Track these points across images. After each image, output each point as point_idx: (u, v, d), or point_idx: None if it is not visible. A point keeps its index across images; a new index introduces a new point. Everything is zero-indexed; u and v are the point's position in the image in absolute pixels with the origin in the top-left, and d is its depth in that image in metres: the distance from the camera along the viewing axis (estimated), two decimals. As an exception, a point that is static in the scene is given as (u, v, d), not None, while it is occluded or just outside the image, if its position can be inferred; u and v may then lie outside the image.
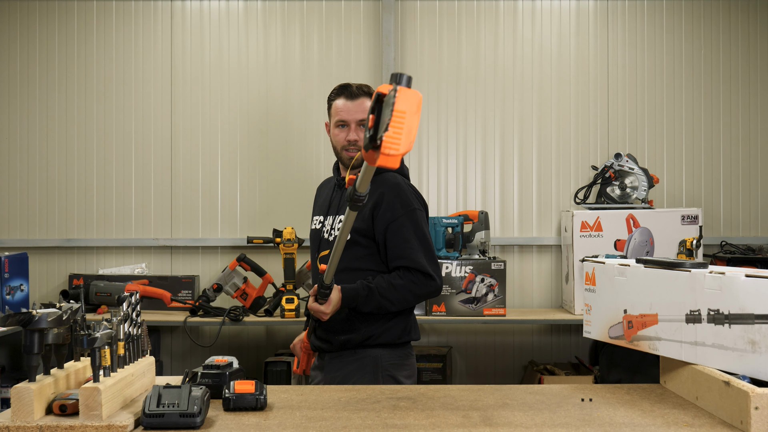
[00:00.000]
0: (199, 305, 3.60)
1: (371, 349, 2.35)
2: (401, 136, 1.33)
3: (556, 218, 4.02)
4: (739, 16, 4.05)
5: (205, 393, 1.57)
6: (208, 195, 4.06)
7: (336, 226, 2.42)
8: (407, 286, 2.30)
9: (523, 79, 4.05)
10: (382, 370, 2.35)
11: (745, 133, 4.05)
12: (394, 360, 2.37)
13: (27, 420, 1.45)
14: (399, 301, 2.31)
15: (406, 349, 2.42)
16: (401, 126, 1.33)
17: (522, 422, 1.56)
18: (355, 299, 2.28)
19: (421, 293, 2.34)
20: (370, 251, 2.36)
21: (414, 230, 2.34)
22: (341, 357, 2.38)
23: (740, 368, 1.56)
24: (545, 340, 4.07)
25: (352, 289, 2.28)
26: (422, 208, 2.42)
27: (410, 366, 2.43)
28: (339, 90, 2.44)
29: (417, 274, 2.31)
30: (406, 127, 1.34)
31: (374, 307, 2.30)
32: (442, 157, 4.05)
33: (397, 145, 1.33)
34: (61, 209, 4.08)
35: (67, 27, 4.09)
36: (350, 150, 2.39)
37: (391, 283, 2.29)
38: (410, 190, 2.41)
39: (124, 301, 1.65)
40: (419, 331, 2.49)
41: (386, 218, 2.32)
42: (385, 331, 2.36)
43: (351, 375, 2.35)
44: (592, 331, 2.00)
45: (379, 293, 2.28)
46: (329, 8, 4.05)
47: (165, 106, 4.07)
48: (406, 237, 2.32)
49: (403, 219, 2.33)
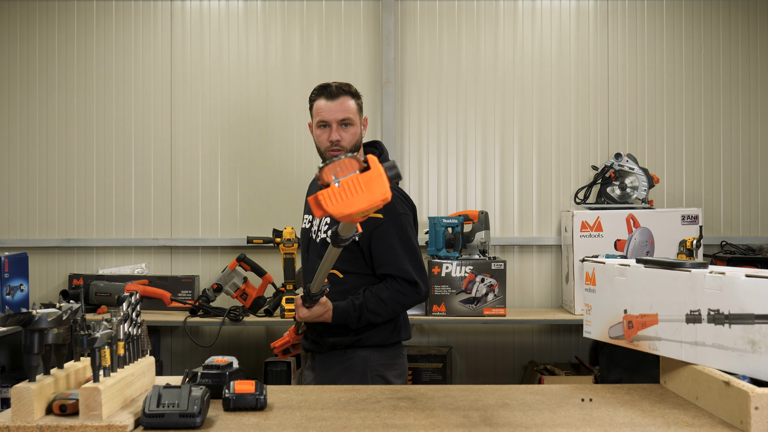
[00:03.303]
0: (199, 305, 3.60)
1: (360, 350, 2.38)
2: (340, 198, 1.30)
3: (556, 218, 4.02)
4: (739, 16, 4.05)
5: (205, 393, 1.57)
6: (208, 195, 4.06)
7: (322, 227, 2.42)
8: (395, 297, 2.32)
9: (523, 79, 4.05)
10: (371, 370, 2.37)
11: (745, 133, 4.05)
12: (383, 360, 2.39)
13: (27, 420, 1.45)
14: (388, 314, 2.35)
15: (396, 348, 2.44)
16: (349, 189, 1.30)
17: (522, 422, 1.56)
18: (346, 319, 2.31)
19: (409, 303, 2.36)
20: (354, 254, 2.37)
21: (399, 236, 2.34)
22: (331, 357, 2.40)
23: (740, 368, 1.56)
24: (545, 340, 4.07)
25: (344, 310, 2.30)
26: (408, 212, 2.41)
27: (400, 365, 2.44)
28: (319, 90, 2.41)
29: (403, 283, 2.33)
30: (351, 196, 1.30)
31: (364, 323, 2.33)
32: (442, 157, 4.05)
33: (330, 203, 1.30)
34: (61, 209, 4.08)
35: (67, 27, 4.09)
36: (333, 150, 2.36)
37: (379, 297, 2.31)
38: (395, 193, 2.38)
39: (124, 301, 1.65)
40: (410, 330, 2.50)
41: (370, 224, 2.31)
42: (374, 333, 2.38)
43: (340, 375, 2.37)
44: (592, 331, 2.00)
45: (367, 309, 2.31)
46: (329, 8, 4.05)
47: (165, 105, 4.07)
48: (390, 244, 2.32)
49: (388, 225, 2.33)
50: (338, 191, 1.29)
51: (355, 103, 2.40)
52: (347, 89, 2.40)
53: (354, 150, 2.38)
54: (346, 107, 2.36)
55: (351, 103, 2.39)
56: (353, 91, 2.42)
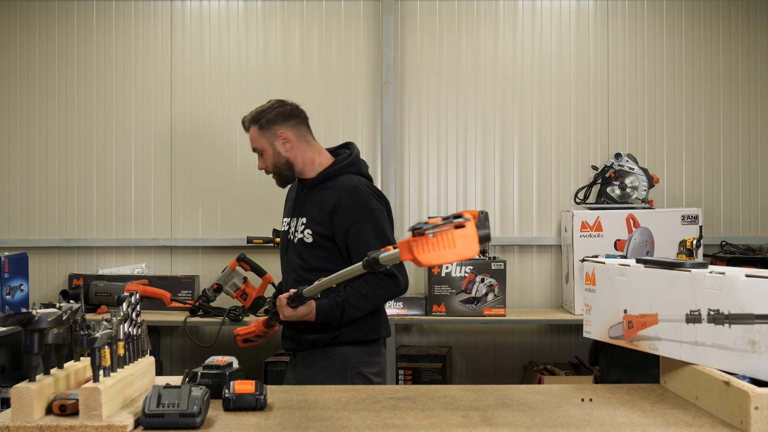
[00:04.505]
0: (199, 305, 3.60)
1: (340, 347, 2.41)
2: (431, 249, 1.34)
3: (556, 218, 4.02)
4: (739, 16, 4.05)
5: (205, 393, 1.57)
6: (209, 195, 4.06)
7: (299, 228, 2.47)
8: (375, 291, 2.36)
9: (523, 79, 4.05)
10: (351, 368, 2.40)
11: (745, 133, 4.05)
12: (362, 357, 2.42)
13: (27, 420, 1.45)
14: (369, 308, 2.39)
15: (375, 346, 2.48)
16: (441, 242, 1.34)
17: (522, 422, 1.56)
18: (329, 317, 2.35)
19: (389, 296, 2.41)
20: (332, 253, 2.42)
21: (374, 232, 2.37)
22: (311, 355, 2.44)
23: (740, 368, 1.56)
24: (545, 340, 4.07)
25: (326, 308, 2.34)
26: (382, 207, 2.45)
27: (379, 363, 2.48)
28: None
29: (383, 277, 2.36)
30: (442, 249, 1.34)
31: (347, 319, 2.37)
32: (442, 156, 4.05)
33: (421, 251, 1.34)
34: (61, 209, 4.08)
35: (67, 27, 4.09)
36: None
37: (360, 293, 2.35)
38: (368, 190, 2.44)
39: (124, 301, 1.65)
40: (389, 328, 2.54)
41: (345, 223, 2.37)
42: (353, 329, 2.41)
43: (320, 373, 2.41)
44: (592, 331, 2.00)
45: (349, 305, 2.34)
46: (329, 8, 4.05)
47: (165, 105, 4.07)
48: (367, 239, 2.35)
49: (362, 222, 2.37)
50: (431, 242, 1.33)
51: (257, 130, 2.50)
52: (252, 118, 2.52)
53: (289, 165, 2.51)
54: (253, 138, 2.52)
55: (255, 132, 2.52)
56: (255, 117, 2.51)
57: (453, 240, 1.34)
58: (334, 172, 2.48)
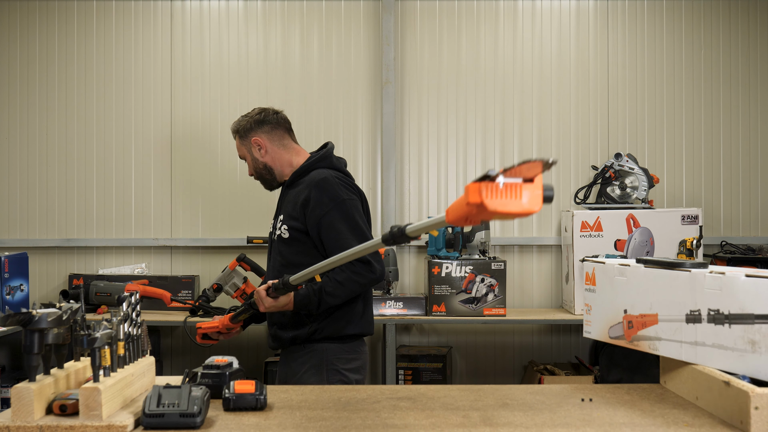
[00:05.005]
0: (199, 305, 3.60)
1: (318, 344, 2.44)
2: (499, 195, 1.33)
3: (556, 218, 4.02)
4: (739, 16, 4.05)
5: (205, 393, 1.57)
6: (209, 194, 4.06)
7: (278, 225, 2.52)
8: (351, 278, 2.37)
9: (523, 79, 4.05)
10: (328, 364, 2.42)
11: (745, 133, 4.05)
12: (340, 354, 2.44)
13: (27, 420, 1.45)
14: (347, 294, 2.40)
15: (355, 343, 2.49)
16: (509, 192, 1.34)
17: (522, 422, 1.56)
18: (307, 306, 2.38)
19: (365, 282, 2.41)
20: (308, 246, 2.44)
21: (345, 221, 2.40)
22: (292, 352, 2.48)
23: (740, 368, 1.56)
24: (545, 340, 4.07)
25: (304, 296, 2.36)
26: (353, 197, 2.48)
27: (358, 360, 2.49)
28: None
29: (357, 264, 2.37)
30: (508, 198, 1.34)
31: (325, 307, 2.39)
32: (442, 156, 4.05)
33: (489, 195, 1.32)
34: (61, 209, 4.08)
35: (67, 27, 4.09)
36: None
37: (336, 281, 2.37)
38: (337, 181, 2.46)
39: (124, 301, 1.65)
40: (372, 327, 2.55)
41: (316, 215, 2.40)
42: (329, 323, 2.43)
43: (298, 369, 2.44)
44: (592, 331, 2.00)
45: (326, 292, 2.36)
46: (329, 8, 4.05)
47: (165, 105, 4.07)
48: (338, 229, 2.38)
49: (333, 213, 2.40)
50: (500, 190, 1.34)
51: (238, 139, 2.66)
52: (233, 128, 2.68)
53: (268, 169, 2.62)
54: (237, 147, 2.69)
55: (237, 141, 2.68)
56: (235, 127, 2.66)
57: (520, 192, 1.35)
58: (306, 168, 2.54)
